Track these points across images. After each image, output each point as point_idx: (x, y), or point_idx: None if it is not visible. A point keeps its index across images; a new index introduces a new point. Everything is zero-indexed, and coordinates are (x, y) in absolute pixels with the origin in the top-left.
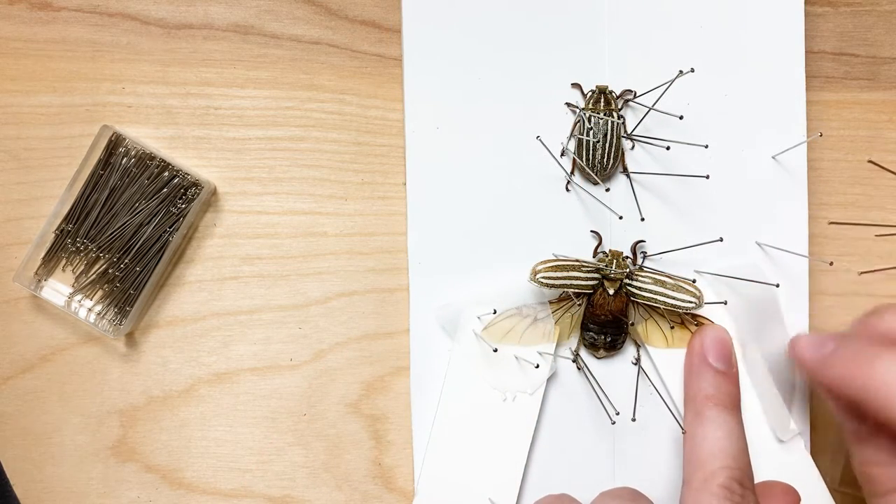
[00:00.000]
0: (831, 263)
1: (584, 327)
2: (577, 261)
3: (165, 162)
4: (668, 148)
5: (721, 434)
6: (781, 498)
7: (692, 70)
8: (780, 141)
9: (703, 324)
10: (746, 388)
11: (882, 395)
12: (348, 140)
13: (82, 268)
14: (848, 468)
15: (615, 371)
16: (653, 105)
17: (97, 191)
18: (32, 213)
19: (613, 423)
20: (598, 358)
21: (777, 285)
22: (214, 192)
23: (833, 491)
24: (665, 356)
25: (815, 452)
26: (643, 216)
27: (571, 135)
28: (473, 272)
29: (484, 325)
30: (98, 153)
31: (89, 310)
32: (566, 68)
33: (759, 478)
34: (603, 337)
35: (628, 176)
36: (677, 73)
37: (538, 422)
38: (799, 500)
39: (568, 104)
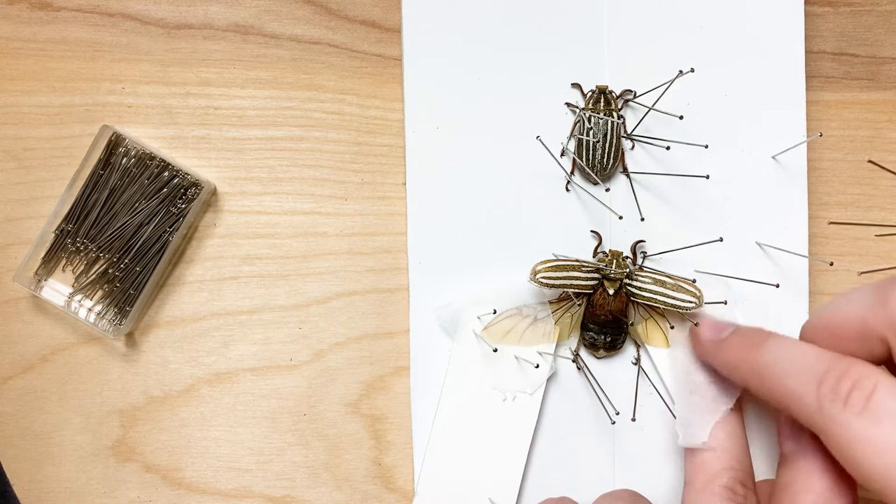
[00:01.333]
0: (831, 264)
1: (584, 327)
2: (577, 261)
3: (165, 162)
4: (668, 148)
5: (723, 435)
6: None
7: (692, 70)
8: (780, 141)
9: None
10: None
11: (766, 376)
12: (348, 140)
13: (82, 268)
14: None
15: (615, 371)
16: (653, 105)
17: (97, 191)
18: (32, 213)
19: (613, 423)
20: (598, 358)
21: (777, 285)
22: (214, 192)
23: None
24: (665, 356)
25: None
26: (643, 216)
27: (571, 135)
28: (473, 272)
29: (484, 325)
30: (98, 153)
31: (89, 310)
32: (566, 68)
33: (758, 477)
34: (603, 337)
35: (628, 176)
36: (677, 73)
37: (538, 422)
38: None
39: (568, 104)
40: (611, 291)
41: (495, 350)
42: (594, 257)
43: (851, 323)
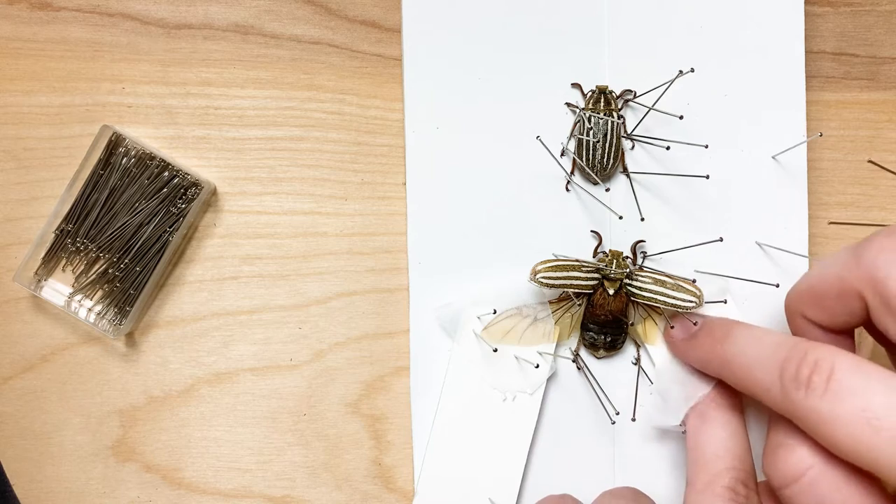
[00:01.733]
0: None
1: (584, 327)
2: (577, 261)
3: (165, 162)
4: (668, 148)
5: (725, 435)
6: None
7: (692, 70)
8: (780, 141)
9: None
10: None
11: (735, 368)
12: (348, 140)
13: (82, 268)
14: None
15: (615, 371)
16: (653, 105)
17: (97, 191)
18: (32, 213)
19: (613, 423)
20: (598, 358)
21: (777, 285)
22: (214, 192)
23: None
24: (665, 355)
25: None
26: (643, 216)
27: (571, 135)
28: (473, 272)
29: (484, 325)
30: (98, 153)
31: (89, 310)
32: (566, 68)
33: (761, 477)
34: (603, 337)
35: (628, 176)
36: (677, 73)
37: (538, 422)
38: None
39: (568, 104)
40: (611, 291)
41: (495, 350)
42: (594, 257)
43: (830, 283)
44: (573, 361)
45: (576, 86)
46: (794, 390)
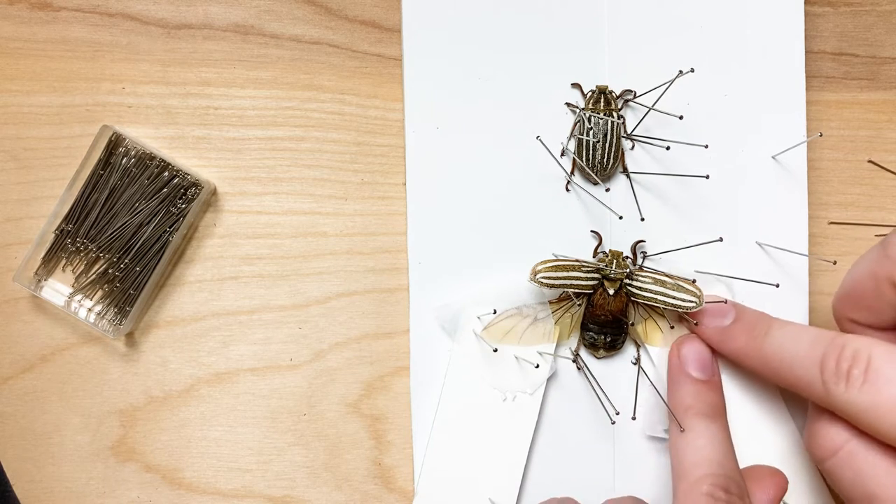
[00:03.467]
0: (835, 262)
1: (584, 327)
2: (577, 261)
3: (165, 162)
4: (668, 148)
5: (702, 442)
6: (769, 480)
7: (692, 70)
8: (780, 141)
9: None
10: (744, 387)
11: (775, 366)
12: (348, 140)
13: (82, 268)
14: None
15: (615, 371)
16: (653, 105)
17: (97, 191)
18: (32, 213)
19: (613, 422)
20: (598, 358)
21: (777, 285)
22: (214, 192)
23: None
24: (665, 356)
25: None
26: (643, 216)
27: (571, 135)
28: (473, 272)
29: (484, 325)
30: (98, 153)
31: (89, 310)
32: (566, 68)
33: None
34: (603, 337)
35: (628, 176)
36: (677, 73)
37: (538, 422)
38: (786, 482)
39: (568, 104)
40: (611, 291)
41: (495, 350)
42: (594, 257)
43: (865, 282)
44: (573, 361)
45: (576, 86)
46: (835, 385)
